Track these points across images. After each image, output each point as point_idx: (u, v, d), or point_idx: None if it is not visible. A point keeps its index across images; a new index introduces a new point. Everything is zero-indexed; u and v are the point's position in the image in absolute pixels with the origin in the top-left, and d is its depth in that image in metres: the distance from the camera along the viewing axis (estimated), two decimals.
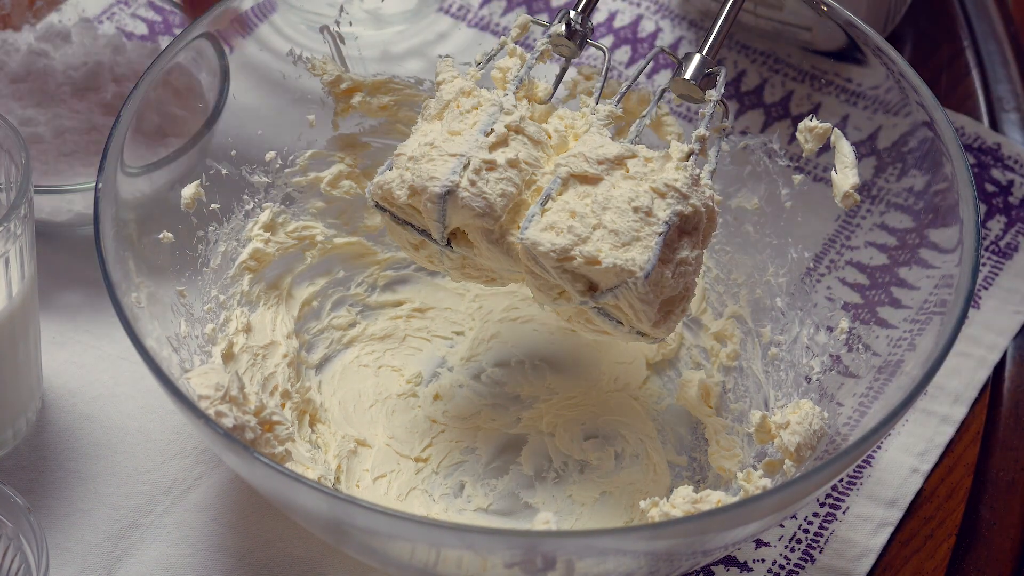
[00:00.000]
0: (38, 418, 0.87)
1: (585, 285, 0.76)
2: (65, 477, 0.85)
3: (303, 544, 0.82)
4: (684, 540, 0.71)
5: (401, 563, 0.75)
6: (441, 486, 0.86)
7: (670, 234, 0.75)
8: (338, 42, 0.91)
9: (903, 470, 0.87)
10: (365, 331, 0.92)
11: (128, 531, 0.83)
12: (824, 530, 0.85)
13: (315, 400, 0.87)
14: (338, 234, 0.92)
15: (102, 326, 0.90)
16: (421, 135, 0.79)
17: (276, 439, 0.78)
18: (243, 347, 0.84)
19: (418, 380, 0.90)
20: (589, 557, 0.71)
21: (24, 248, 0.79)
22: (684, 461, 0.87)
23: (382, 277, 0.93)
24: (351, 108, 0.90)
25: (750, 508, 0.70)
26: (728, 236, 0.90)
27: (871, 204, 0.87)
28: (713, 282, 0.91)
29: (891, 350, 0.79)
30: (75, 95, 0.95)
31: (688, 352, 0.91)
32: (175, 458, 0.86)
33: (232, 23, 0.87)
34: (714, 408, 0.87)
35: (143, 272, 0.78)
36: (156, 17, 1.03)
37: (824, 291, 0.86)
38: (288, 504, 0.74)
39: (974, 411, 0.90)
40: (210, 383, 0.75)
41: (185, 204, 0.84)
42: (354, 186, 0.91)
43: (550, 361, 0.90)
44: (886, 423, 0.71)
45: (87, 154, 0.93)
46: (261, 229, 0.88)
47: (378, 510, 0.68)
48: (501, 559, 0.71)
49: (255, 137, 0.89)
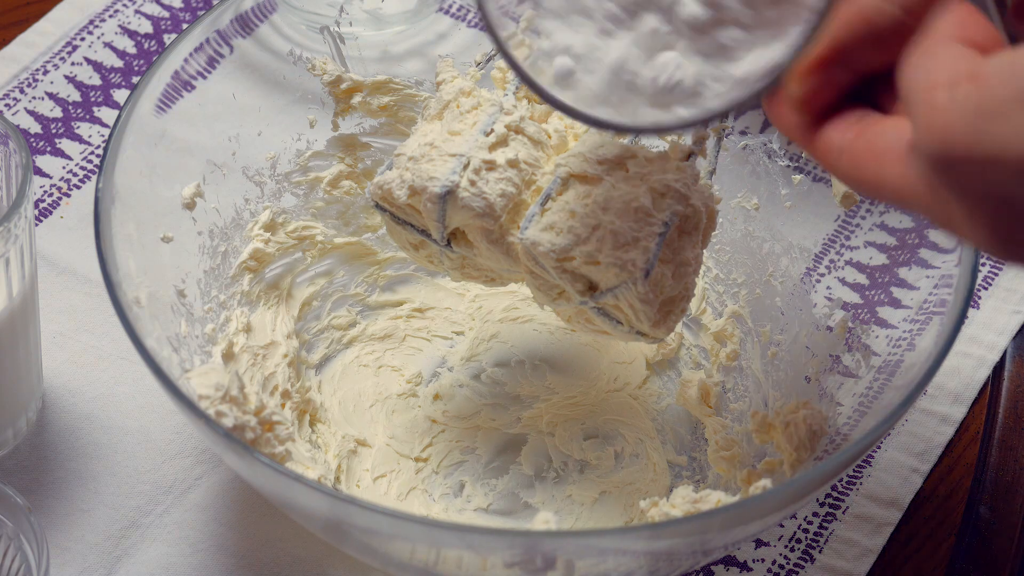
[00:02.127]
0: (38, 418, 0.87)
1: (585, 285, 0.76)
2: (65, 477, 0.85)
3: (303, 544, 0.82)
4: (684, 540, 0.71)
5: (401, 563, 0.75)
6: (441, 486, 0.86)
7: (670, 234, 0.75)
8: (338, 42, 0.91)
9: (903, 470, 0.87)
10: (365, 331, 0.92)
11: (128, 531, 0.83)
12: (824, 530, 0.85)
13: (315, 400, 0.87)
14: (338, 234, 0.92)
15: (102, 326, 0.91)
16: (421, 135, 0.79)
17: (276, 439, 0.78)
18: (243, 347, 0.84)
19: (418, 380, 0.90)
20: (589, 557, 0.71)
21: (24, 248, 0.79)
22: (684, 461, 0.87)
23: (382, 277, 0.93)
24: (351, 108, 0.90)
25: (750, 508, 0.70)
26: (728, 236, 0.90)
27: (871, 204, 0.87)
28: (713, 282, 0.91)
29: (891, 350, 0.79)
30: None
31: (688, 352, 0.91)
32: (175, 458, 0.86)
33: (232, 23, 0.87)
34: (714, 408, 0.87)
35: (143, 272, 0.78)
36: (164, 14, 1.03)
37: (824, 291, 0.86)
38: (288, 504, 0.74)
39: (974, 411, 0.90)
40: (210, 383, 0.75)
41: (185, 204, 0.84)
42: (354, 186, 0.91)
43: (550, 361, 0.90)
44: (886, 423, 0.71)
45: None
46: (261, 229, 0.88)
47: (378, 510, 0.68)
48: (501, 559, 0.71)
49: (255, 137, 0.89)
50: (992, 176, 0.54)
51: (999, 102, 0.53)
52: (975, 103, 0.54)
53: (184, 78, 0.84)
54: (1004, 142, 0.53)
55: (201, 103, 0.85)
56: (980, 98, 0.54)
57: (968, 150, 0.54)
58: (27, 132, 1.00)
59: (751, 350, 0.88)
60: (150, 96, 0.82)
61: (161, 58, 0.82)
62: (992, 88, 0.54)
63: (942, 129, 0.55)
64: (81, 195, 0.97)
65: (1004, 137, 0.53)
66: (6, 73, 1.02)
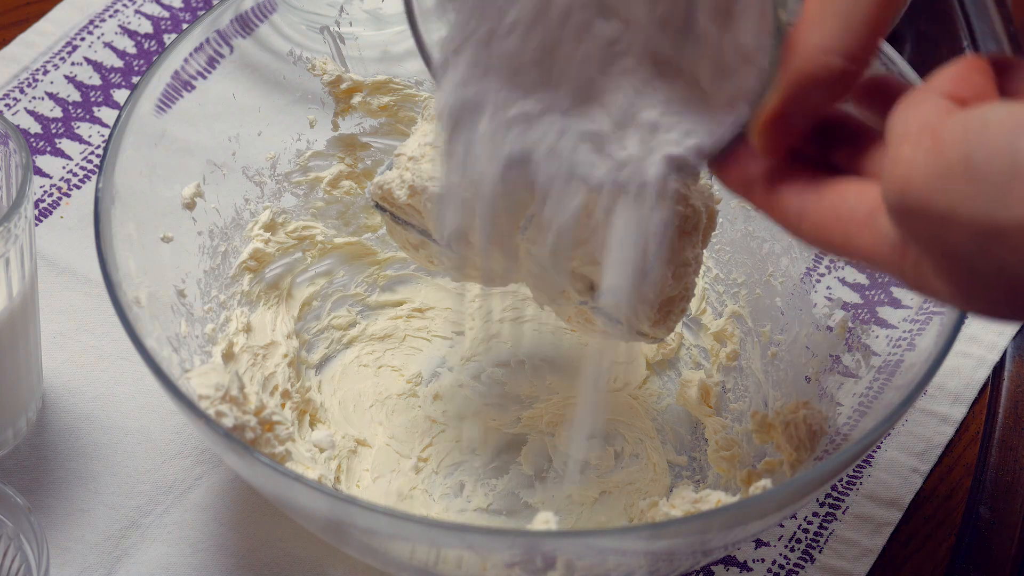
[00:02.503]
0: (38, 418, 0.87)
1: (585, 285, 0.76)
2: (65, 477, 0.85)
3: (303, 544, 0.82)
4: (684, 540, 0.71)
5: (401, 563, 0.75)
6: (441, 486, 0.86)
7: (670, 234, 0.75)
8: (338, 42, 0.91)
9: (903, 470, 0.87)
10: (365, 331, 0.92)
11: (128, 531, 0.83)
12: (824, 530, 0.85)
13: (315, 400, 0.87)
14: (338, 234, 0.92)
15: (102, 326, 0.90)
16: (421, 135, 0.79)
17: (276, 439, 0.78)
18: (243, 347, 0.84)
19: (418, 380, 0.90)
20: (589, 557, 0.71)
21: (24, 248, 0.79)
22: (684, 461, 0.87)
23: (382, 277, 0.93)
24: (351, 108, 0.90)
25: (750, 508, 0.70)
26: (728, 236, 0.90)
27: None
28: (713, 282, 0.91)
29: (891, 350, 0.79)
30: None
31: (688, 352, 0.91)
32: (175, 458, 0.86)
33: (232, 23, 0.87)
34: (714, 408, 0.87)
35: (143, 272, 0.78)
36: (164, 14, 1.03)
37: (824, 291, 0.86)
38: (288, 504, 0.74)
39: (974, 411, 0.90)
40: (210, 383, 0.75)
41: (185, 204, 0.84)
42: (354, 186, 0.91)
43: (550, 361, 0.90)
44: (886, 423, 0.71)
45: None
46: (261, 229, 0.88)
47: (378, 510, 0.68)
48: (501, 559, 0.71)
49: (255, 137, 0.89)
50: (948, 235, 0.54)
51: (947, 164, 0.53)
52: (931, 161, 0.54)
53: (184, 78, 0.84)
54: (954, 203, 0.53)
55: (201, 103, 0.85)
56: (935, 157, 0.54)
57: (924, 206, 0.54)
58: (27, 132, 1.00)
59: (751, 350, 0.88)
60: (150, 96, 0.82)
61: (161, 58, 0.82)
62: (944, 148, 0.54)
63: (902, 180, 0.55)
64: (81, 195, 0.97)
65: (952, 199, 0.53)
66: (6, 73, 1.02)
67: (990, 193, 0.52)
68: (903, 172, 0.55)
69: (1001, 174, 0.52)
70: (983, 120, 0.53)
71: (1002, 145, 0.52)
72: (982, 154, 0.53)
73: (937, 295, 0.58)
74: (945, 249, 0.55)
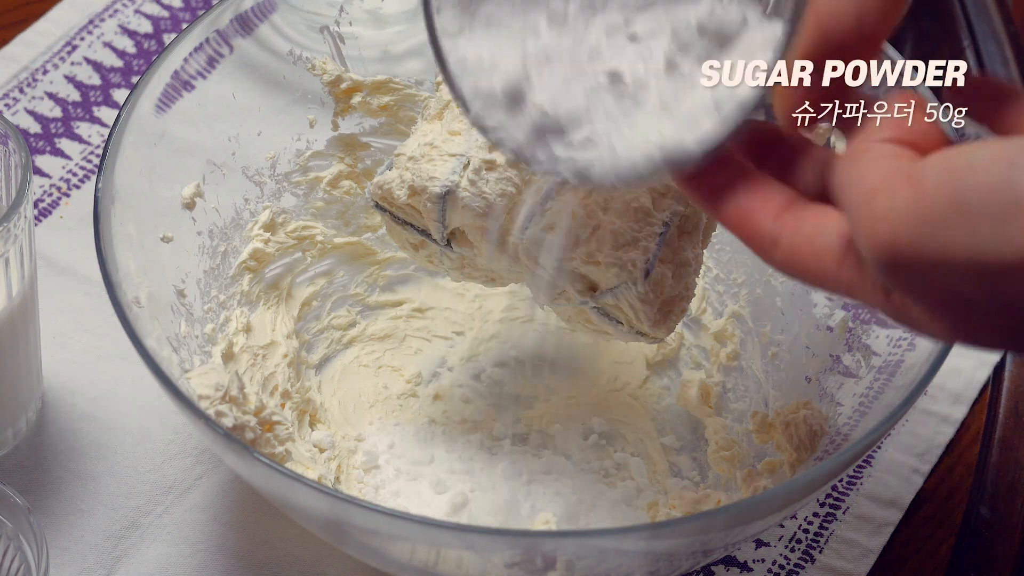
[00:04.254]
0: (38, 418, 0.87)
1: (585, 285, 0.76)
2: (65, 477, 0.85)
3: (303, 544, 0.82)
4: (684, 540, 0.71)
5: (401, 563, 0.75)
6: (441, 484, 0.85)
7: (670, 234, 0.75)
8: (338, 42, 0.91)
9: (903, 470, 0.87)
10: (365, 331, 0.92)
11: (128, 531, 0.83)
12: (824, 530, 0.85)
13: (315, 400, 0.87)
14: (338, 234, 0.92)
15: (102, 326, 0.90)
16: (421, 135, 0.79)
17: (276, 439, 0.78)
18: (243, 347, 0.84)
19: (418, 380, 0.90)
20: (589, 557, 0.71)
21: (24, 248, 0.79)
22: (684, 461, 0.87)
23: (382, 277, 0.93)
24: (351, 108, 0.90)
25: (750, 508, 0.70)
26: (728, 236, 0.90)
27: None
28: (713, 282, 0.91)
29: (891, 350, 0.79)
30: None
31: (688, 352, 0.91)
32: (175, 458, 0.86)
33: (232, 23, 0.87)
34: (714, 408, 0.87)
35: (143, 272, 0.78)
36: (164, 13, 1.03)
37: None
38: (288, 504, 0.74)
39: (974, 411, 0.90)
40: (210, 383, 0.75)
41: (185, 204, 0.84)
42: (354, 186, 0.91)
43: (550, 361, 0.90)
44: (886, 423, 0.71)
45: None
46: (261, 229, 0.88)
47: (378, 510, 0.68)
48: (501, 559, 0.71)
49: (255, 137, 0.89)
50: (945, 278, 0.53)
51: (936, 208, 0.53)
52: (915, 209, 0.53)
53: (184, 78, 0.84)
54: (949, 245, 0.53)
55: (201, 103, 0.85)
56: (919, 204, 0.53)
57: (916, 255, 0.53)
58: (27, 132, 1.00)
59: (751, 350, 0.88)
60: (150, 96, 0.82)
61: (161, 58, 0.82)
62: (929, 193, 0.53)
63: (887, 237, 0.54)
64: (81, 195, 0.97)
65: (947, 241, 0.53)
66: (6, 73, 1.02)
67: (989, 230, 0.52)
68: (886, 227, 0.54)
69: (1001, 208, 0.51)
70: (968, 160, 0.53)
71: (997, 181, 0.52)
72: (975, 193, 0.52)
73: (924, 331, 0.57)
74: (942, 293, 0.54)
